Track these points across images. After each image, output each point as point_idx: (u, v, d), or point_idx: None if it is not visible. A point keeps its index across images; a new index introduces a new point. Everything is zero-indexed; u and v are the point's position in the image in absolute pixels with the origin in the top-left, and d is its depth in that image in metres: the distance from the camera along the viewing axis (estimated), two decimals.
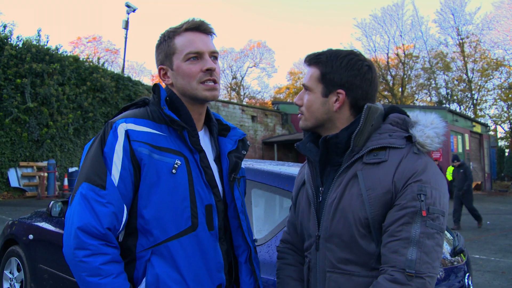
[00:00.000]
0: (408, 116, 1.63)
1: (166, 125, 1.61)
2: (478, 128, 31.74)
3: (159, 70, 1.72)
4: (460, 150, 27.43)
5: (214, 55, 1.68)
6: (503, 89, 39.94)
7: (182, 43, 1.64)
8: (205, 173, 1.62)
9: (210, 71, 1.63)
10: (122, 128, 1.54)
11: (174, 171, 1.54)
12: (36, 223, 4.23)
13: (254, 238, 1.87)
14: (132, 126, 1.55)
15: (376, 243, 1.49)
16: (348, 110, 1.63)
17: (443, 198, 1.49)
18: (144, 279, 1.51)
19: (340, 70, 1.60)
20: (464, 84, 41.66)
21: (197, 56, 1.63)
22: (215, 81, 1.66)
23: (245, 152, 1.82)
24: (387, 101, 41.47)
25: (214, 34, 1.72)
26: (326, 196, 1.60)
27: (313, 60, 1.65)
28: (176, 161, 1.55)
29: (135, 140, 1.53)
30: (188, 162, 1.59)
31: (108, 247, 1.45)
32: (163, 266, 1.51)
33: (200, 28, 1.67)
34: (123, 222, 1.50)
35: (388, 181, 1.47)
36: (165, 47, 1.68)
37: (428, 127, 1.57)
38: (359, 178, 1.52)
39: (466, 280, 2.63)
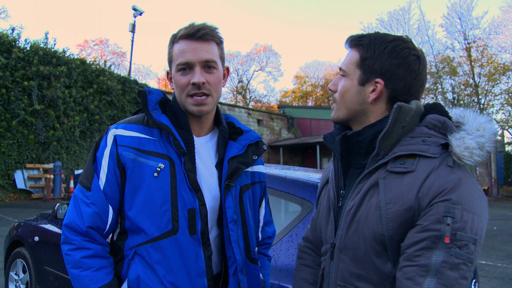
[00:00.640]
0: (450, 118, 1.40)
1: (159, 129, 1.63)
2: None
3: (167, 73, 1.74)
4: None
5: (208, 64, 1.62)
6: (510, 94, 39.73)
7: (176, 52, 1.63)
8: (188, 176, 1.59)
9: (196, 85, 1.59)
10: (111, 134, 1.61)
11: (156, 174, 1.56)
12: (41, 225, 4.24)
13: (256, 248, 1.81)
14: (121, 132, 1.61)
15: (392, 263, 1.30)
16: (385, 104, 1.42)
17: (477, 222, 1.24)
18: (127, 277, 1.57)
19: (382, 56, 1.39)
20: (471, 89, 41.45)
21: (187, 67, 1.60)
22: (205, 94, 1.61)
23: (255, 157, 1.77)
24: None
25: (217, 39, 1.66)
26: (345, 202, 1.44)
27: (354, 41, 1.45)
28: (159, 165, 1.57)
29: (121, 145, 1.59)
30: (174, 165, 1.59)
31: (91, 243, 1.56)
32: (143, 266, 1.55)
33: (194, 35, 1.60)
34: (109, 222, 1.59)
35: (411, 197, 1.26)
36: (168, 52, 1.69)
37: (471, 135, 1.32)
38: (380, 188, 1.32)
39: (472, 287, 2.61)
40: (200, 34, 1.61)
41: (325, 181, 1.65)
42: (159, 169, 1.56)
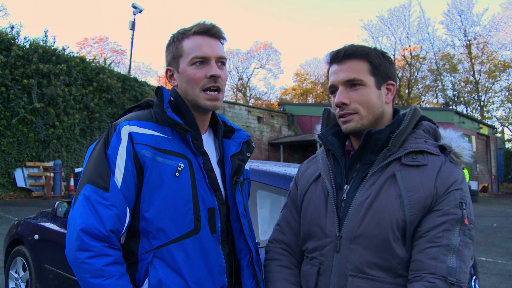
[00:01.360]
0: (438, 127, 1.63)
1: (170, 128, 1.61)
2: (485, 130, 31.60)
3: (166, 71, 1.71)
4: None
5: (221, 61, 1.65)
6: (510, 91, 39.72)
7: (189, 46, 1.62)
8: (208, 176, 1.60)
9: (214, 77, 1.61)
10: (125, 131, 1.54)
11: (177, 174, 1.53)
12: (41, 223, 4.23)
13: (257, 241, 1.84)
14: (135, 129, 1.55)
15: (407, 248, 1.45)
16: (391, 104, 1.63)
17: (473, 210, 1.49)
18: (146, 281, 1.50)
19: (386, 63, 1.59)
20: (471, 86, 41.49)
21: (203, 61, 1.61)
22: (219, 89, 1.63)
23: (249, 155, 1.80)
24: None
25: (224, 38, 1.69)
26: (354, 195, 1.53)
27: (358, 53, 1.57)
28: (180, 164, 1.55)
29: (138, 143, 1.53)
30: (191, 165, 1.58)
31: (111, 249, 1.45)
32: (165, 269, 1.50)
33: (209, 32, 1.64)
34: (126, 225, 1.50)
35: (431, 185, 1.44)
36: (174, 48, 1.67)
37: (459, 139, 1.56)
38: (398, 178, 1.47)
39: (473, 283, 2.61)
40: (215, 31, 1.65)
41: (312, 179, 1.70)
42: (179, 169, 1.54)
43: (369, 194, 1.49)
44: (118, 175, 1.50)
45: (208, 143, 1.74)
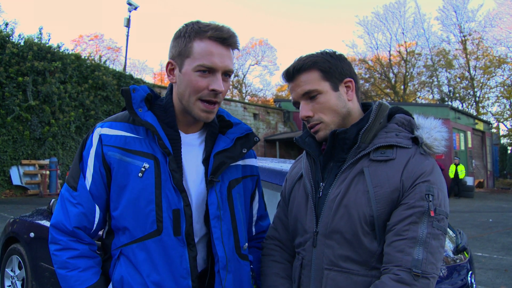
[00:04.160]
0: (413, 118, 1.64)
1: (145, 127, 1.59)
2: (480, 126, 31.70)
3: (168, 63, 1.63)
4: (463, 147, 27.39)
5: (228, 73, 1.59)
6: (505, 87, 39.83)
7: (199, 51, 1.53)
8: (173, 177, 1.56)
9: (215, 92, 1.55)
10: (97, 133, 1.60)
11: (140, 174, 1.54)
12: (37, 221, 4.23)
13: (245, 243, 1.76)
14: (106, 131, 1.59)
15: (378, 241, 1.48)
16: (357, 100, 1.65)
17: (446, 200, 1.50)
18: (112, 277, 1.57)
19: (337, 63, 1.61)
20: (467, 82, 41.59)
21: (209, 70, 1.54)
22: (216, 102, 1.58)
23: (245, 150, 1.72)
24: (389, 99, 41.46)
25: (238, 49, 1.62)
26: (328, 192, 1.58)
27: (305, 66, 1.59)
28: (144, 165, 1.54)
29: (106, 145, 1.57)
30: (158, 165, 1.56)
31: (78, 243, 1.55)
32: (128, 267, 1.54)
33: (225, 41, 1.55)
34: (96, 222, 1.58)
35: (396, 179, 1.47)
36: (182, 44, 1.56)
37: (433, 130, 1.57)
38: (366, 174, 1.50)
39: (469, 278, 2.62)
40: (231, 41, 1.57)
41: (296, 178, 1.77)
42: (143, 169, 1.54)
43: (339, 190, 1.54)
44: (88, 176, 1.57)
45: (198, 141, 1.69)
